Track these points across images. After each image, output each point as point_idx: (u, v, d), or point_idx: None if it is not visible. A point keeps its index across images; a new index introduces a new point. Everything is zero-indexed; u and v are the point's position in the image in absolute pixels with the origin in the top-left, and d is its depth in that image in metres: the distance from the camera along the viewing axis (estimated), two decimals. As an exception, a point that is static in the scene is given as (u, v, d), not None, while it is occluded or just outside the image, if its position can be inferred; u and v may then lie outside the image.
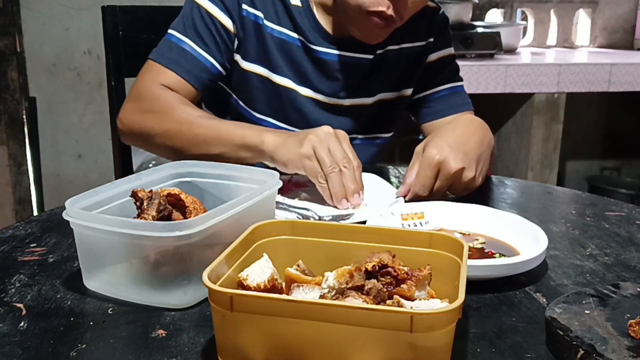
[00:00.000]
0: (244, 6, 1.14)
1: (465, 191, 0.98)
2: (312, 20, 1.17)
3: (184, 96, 1.11)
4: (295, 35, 1.17)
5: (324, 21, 1.18)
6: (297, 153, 0.94)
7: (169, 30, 1.15)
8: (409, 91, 1.29)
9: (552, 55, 2.74)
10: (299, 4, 1.17)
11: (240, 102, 1.21)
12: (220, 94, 1.23)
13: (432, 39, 1.27)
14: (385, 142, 1.33)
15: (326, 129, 0.95)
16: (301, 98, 1.19)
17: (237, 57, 1.17)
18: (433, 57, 1.28)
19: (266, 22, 1.15)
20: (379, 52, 1.21)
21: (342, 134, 0.97)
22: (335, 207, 0.93)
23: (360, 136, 1.27)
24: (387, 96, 1.27)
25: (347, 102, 1.22)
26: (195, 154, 1.07)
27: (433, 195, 0.95)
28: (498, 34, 2.47)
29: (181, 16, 1.15)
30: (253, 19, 1.15)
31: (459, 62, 1.34)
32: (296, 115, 1.20)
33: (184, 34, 1.13)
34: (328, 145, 0.93)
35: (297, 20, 1.16)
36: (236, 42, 1.16)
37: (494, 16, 2.99)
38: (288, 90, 1.18)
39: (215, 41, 1.13)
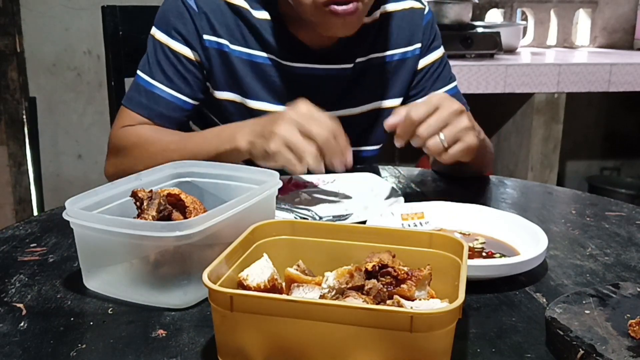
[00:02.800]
0: (206, 36, 1.10)
1: (460, 146, 0.90)
2: (284, 33, 1.12)
3: None
4: (265, 54, 1.12)
5: (299, 33, 1.12)
6: (268, 152, 0.90)
7: (137, 72, 1.13)
8: (398, 101, 1.23)
9: (552, 55, 2.73)
10: (267, 17, 1.12)
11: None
12: (205, 119, 1.20)
13: (419, 44, 1.21)
14: (376, 155, 1.28)
15: (287, 116, 0.90)
16: None
17: (209, 85, 1.14)
18: (423, 62, 1.22)
19: (233, 47, 1.11)
20: (360, 60, 1.17)
21: (304, 110, 0.91)
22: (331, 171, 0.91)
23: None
24: (375, 106, 1.21)
25: (330, 113, 1.18)
26: None
27: (423, 131, 0.88)
28: (498, 34, 2.47)
29: (146, 56, 1.13)
30: (217, 47, 1.11)
31: (459, 62, 1.33)
32: None
33: (150, 75, 1.11)
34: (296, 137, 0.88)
35: (266, 37, 1.11)
36: (205, 72, 1.13)
37: (494, 16, 2.99)
38: (265, 113, 1.11)
39: (183, 76, 1.11)
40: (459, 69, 2.19)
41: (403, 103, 1.24)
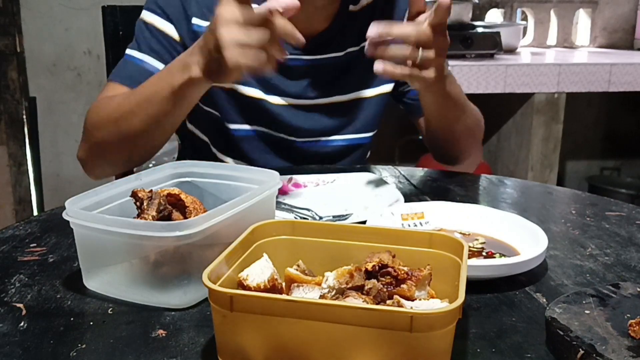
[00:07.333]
0: (195, 20, 1.10)
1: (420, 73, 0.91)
2: None
3: None
4: None
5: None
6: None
7: (126, 50, 1.13)
8: (389, 87, 1.24)
9: (552, 55, 2.73)
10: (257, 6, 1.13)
11: (215, 113, 1.18)
12: (196, 111, 1.18)
13: None
14: (369, 142, 1.29)
15: (220, 19, 0.82)
16: (272, 106, 1.17)
17: None
18: None
19: None
20: (352, 49, 1.19)
21: (229, 4, 0.83)
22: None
23: (341, 137, 1.24)
24: (364, 94, 1.23)
25: (320, 101, 1.19)
26: (155, 129, 1.00)
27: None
28: (498, 34, 2.47)
29: (135, 36, 1.14)
30: None
31: (459, 62, 1.34)
32: (271, 121, 1.18)
33: (138, 49, 1.11)
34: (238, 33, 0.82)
35: None
36: None
37: (494, 16, 2.99)
38: (257, 100, 1.16)
39: (169, 52, 1.11)
40: (459, 69, 2.19)
41: (395, 89, 1.26)
